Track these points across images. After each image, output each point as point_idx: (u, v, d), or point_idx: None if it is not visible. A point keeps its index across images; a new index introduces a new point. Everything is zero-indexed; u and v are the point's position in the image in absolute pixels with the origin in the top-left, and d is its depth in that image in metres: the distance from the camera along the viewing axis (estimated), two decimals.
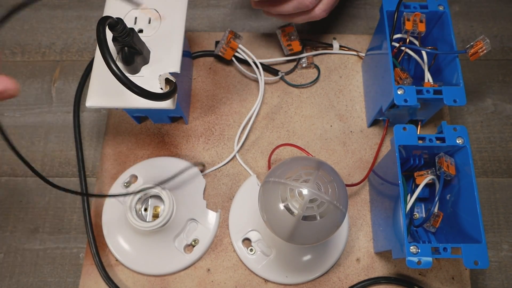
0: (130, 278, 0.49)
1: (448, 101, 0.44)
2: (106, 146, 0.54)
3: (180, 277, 0.49)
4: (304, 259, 0.48)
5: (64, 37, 0.61)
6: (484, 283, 0.50)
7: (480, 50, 0.44)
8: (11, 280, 0.50)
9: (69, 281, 0.49)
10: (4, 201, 0.53)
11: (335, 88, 0.57)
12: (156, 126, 0.55)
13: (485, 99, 0.57)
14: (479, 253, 0.39)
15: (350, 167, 0.53)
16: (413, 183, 0.47)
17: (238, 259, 0.49)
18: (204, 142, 0.54)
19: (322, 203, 0.36)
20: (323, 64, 0.58)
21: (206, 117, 0.56)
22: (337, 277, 0.49)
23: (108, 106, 0.44)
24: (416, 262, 0.38)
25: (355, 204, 0.52)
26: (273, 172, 0.39)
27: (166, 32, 0.46)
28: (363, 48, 0.59)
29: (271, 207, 0.38)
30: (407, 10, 0.48)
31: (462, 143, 0.42)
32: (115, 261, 0.49)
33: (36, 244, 0.51)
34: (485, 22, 0.62)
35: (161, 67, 0.44)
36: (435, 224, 0.45)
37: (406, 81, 0.47)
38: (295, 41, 0.55)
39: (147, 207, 0.50)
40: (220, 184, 0.53)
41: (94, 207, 0.51)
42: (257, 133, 0.55)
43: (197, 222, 0.50)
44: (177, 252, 0.48)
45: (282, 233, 0.38)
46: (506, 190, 0.53)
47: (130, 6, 0.47)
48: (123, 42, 0.41)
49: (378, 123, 0.55)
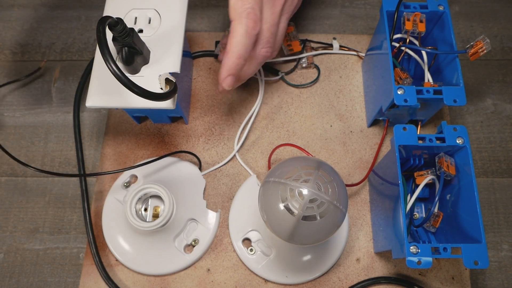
0: (130, 278, 0.49)
1: (448, 101, 0.44)
2: (106, 146, 0.54)
3: (180, 277, 0.49)
4: (304, 259, 0.48)
5: (64, 37, 0.61)
6: (484, 283, 0.50)
7: (480, 50, 0.44)
8: (11, 280, 0.50)
9: (69, 281, 0.49)
10: (4, 201, 0.53)
11: (335, 88, 0.57)
12: (156, 126, 0.55)
13: (485, 99, 0.57)
14: (479, 253, 0.39)
15: (350, 167, 0.53)
16: (413, 183, 0.47)
17: (238, 259, 0.49)
18: (204, 142, 0.54)
19: (322, 203, 0.36)
20: (323, 64, 0.58)
21: (206, 117, 0.56)
22: (337, 277, 0.49)
23: (108, 106, 0.44)
24: (416, 262, 0.38)
25: (355, 204, 0.52)
26: (273, 172, 0.39)
27: (166, 32, 0.46)
28: (363, 48, 0.59)
29: (271, 207, 0.38)
30: (407, 10, 0.48)
31: (462, 143, 0.42)
32: (115, 261, 0.49)
33: (36, 244, 0.51)
34: (485, 22, 0.62)
35: (161, 67, 0.44)
36: (435, 224, 0.45)
37: (406, 81, 0.47)
38: (295, 41, 0.55)
39: (147, 207, 0.50)
40: (220, 184, 0.53)
41: (94, 207, 0.51)
42: (257, 133, 0.55)
43: (197, 222, 0.50)
44: (177, 252, 0.48)
45: (282, 233, 0.38)
46: (506, 190, 0.53)
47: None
48: (123, 42, 0.41)
49: (378, 123, 0.55)
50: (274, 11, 0.42)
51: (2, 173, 0.54)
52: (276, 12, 0.42)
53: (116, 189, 0.51)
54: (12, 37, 0.61)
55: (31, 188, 0.53)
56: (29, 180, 0.54)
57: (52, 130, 0.56)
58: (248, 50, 0.41)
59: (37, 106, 0.57)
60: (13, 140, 0.56)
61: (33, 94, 0.58)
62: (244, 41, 0.40)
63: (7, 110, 0.57)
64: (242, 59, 0.41)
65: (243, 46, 0.40)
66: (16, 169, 0.54)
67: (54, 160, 0.55)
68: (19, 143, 0.55)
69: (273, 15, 0.42)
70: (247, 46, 0.40)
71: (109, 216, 0.50)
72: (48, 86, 0.58)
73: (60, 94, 0.58)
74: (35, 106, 0.57)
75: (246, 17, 0.39)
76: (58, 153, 0.55)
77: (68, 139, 0.56)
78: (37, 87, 0.58)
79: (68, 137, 0.56)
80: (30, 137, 0.56)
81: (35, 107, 0.57)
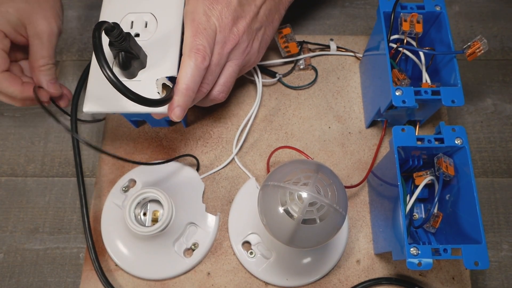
0: (130, 283, 0.48)
1: (446, 101, 0.44)
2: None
3: (180, 281, 0.48)
4: (304, 261, 0.48)
5: (64, 37, 0.61)
6: (484, 283, 0.50)
7: (478, 50, 0.44)
8: (11, 280, 0.50)
9: (69, 281, 0.49)
10: (4, 201, 0.53)
11: (333, 90, 0.57)
12: (154, 130, 0.55)
13: (485, 99, 0.57)
14: (479, 253, 0.39)
15: (349, 169, 0.53)
16: (412, 183, 0.47)
17: (238, 262, 0.49)
18: (202, 145, 0.54)
19: (322, 206, 0.36)
20: (321, 65, 0.58)
21: (204, 120, 0.55)
22: (338, 279, 0.49)
23: (105, 111, 0.44)
24: (417, 264, 0.38)
25: (355, 206, 0.52)
26: (272, 176, 0.39)
27: (163, 36, 0.46)
28: (361, 49, 0.59)
29: (271, 211, 0.37)
30: (404, 11, 0.48)
31: (461, 144, 0.42)
32: (114, 266, 0.49)
33: (36, 244, 0.51)
34: (485, 22, 0.62)
35: (158, 71, 0.44)
36: (435, 224, 0.45)
37: (404, 82, 0.46)
38: (292, 42, 0.55)
39: (146, 212, 0.49)
40: (219, 187, 0.52)
41: (93, 212, 0.51)
42: (255, 135, 0.55)
43: (196, 226, 0.49)
44: (176, 256, 0.48)
45: (282, 237, 0.38)
46: (506, 190, 0.53)
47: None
48: (119, 47, 0.41)
49: (377, 124, 0.55)
50: (222, 52, 0.44)
51: (2, 173, 0.54)
52: (223, 54, 0.44)
53: (115, 194, 0.51)
54: None
55: (31, 188, 0.53)
56: (29, 180, 0.54)
57: (52, 130, 0.56)
58: (196, 82, 0.42)
59: (37, 106, 0.57)
60: (13, 140, 0.56)
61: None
62: (192, 73, 0.41)
63: (7, 110, 0.57)
64: (191, 91, 0.42)
65: (191, 78, 0.41)
66: (16, 169, 0.54)
67: (54, 160, 0.55)
68: (19, 143, 0.55)
69: (219, 55, 0.44)
70: (195, 78, 0.42)
71: (108, 221, 0.50)
72: None
73: None
74: (35, 106, 0.57)
75: (196, 52, 0.41)
76: (58, 153, 0.55)
77: (68, 139, 0.56)
78: None
79: (68, 137, 0.56)
80: (30, 137, 0.56)
81: (35, 107, 0.57)
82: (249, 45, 0.47)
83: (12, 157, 0.55)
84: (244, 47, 0.46)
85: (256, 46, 0.48)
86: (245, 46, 0.46)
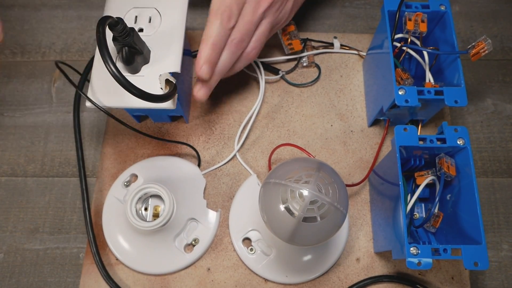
0: (130, 277, 0.49)
1: (449, 101, 0.44)
2: (106, 145, 0.54)
3: (180, 276, 0.49)
4: (304, 259, 0.48)
5: (64, 37, 0.61)
6: (484, 283, 0.50)
7: (482, 51, 0.44)
8: (11, 280, 0.50)
9: (69, 281, 0.49)
10: (4, 201, 0.53)
11: (335, 87, 0.57)
12: (156, 125, 0.55)
13: (485, 99, 0.57)
14: (479, 254, 0.39)
15: (351, 167, 0.53)
16: (413, 183, 0.47)
17: (238, 259, 0.49)
18: (205, 141, 0.54)
19: (323, 204, 0.36)
20: (324, 63, 0.58)
21: (206, 116, 0.55)
22: (337, 276, 0.49)
23: (108, 106, 0.44)
24: (416, 263, 0.38)
25: (355, 204, 0.52)
26: (273, 173, 0.39)
27: (167, 31, 0.46)
28: (364, 47, 0.59)
29: (272, 208, 0.38)
30: (409, 10, 0.48)
31: (463, 144, 0.42)
32: (115, 260, 0.49)
33: (36, 244, 0.51)
34: (485, 22, 0.62)
35: (161, 66, 0.44)
36: (435, 224, 0.45)
37: (407, 81, 0.46)
38: (296, 40, 0.55)
39: (147, 207, 0.50)
40: (220, 184, 0.53)
41: (94, 206, 0.51)
42: (257, 132, 0.55)
43: (197, 221, 0.50)
44: (177, 251, 0.48)
45: (282, 234, 0.38)
46: (506, 190, 0.53)
47: None
48: (123, 42, 0.41)
49: (379, 123, 0.55)
50: (256, 11, 0.45)
51: (2, 173, 0.54)
52: (257, 12, 0.45)
53: (116, 188, 0.51)
54: (12, 37, 0.61)
55: (31, 188, 0.53)
56: (29, 180, 0.54)
57: (52, 130, 0.56)
58: (222, 39, 0.44)
59: (37, 106, 0.57)
60: (13, 140, 0.56)
61: (33, 94, 0.58)
62: (218, 31, 0.43)
63: (7, 110, 0.57)
64: (217, 48, 0.43)
65: (217, 36, 0.43)
66: (16, 169, 0.54)
67: (54, 160, 0.55)
68: (19, 143, 0.55)
69: (253, 13, 0.45)
70: (221, 36, 0.43)
71: (109, 215, 0.50)
72: (48, 86, 0.58)
73: (60, 94, 0.58)
74: (35, 106, 0.57)
75: (222, 13, 0.43)
76: (58, 153, 0.55)
77: (68, 139, 0.56)
78: (37, 87, 0.58)
79: (68, 137, 0.56)
80: (30, 137, 0.56)
81: (35, 107, 0.57)
82: (283, 4, 0.48)
83: (12, 157, 0.55)
84: (278, 6, 0.47)
85: (289, 5, 0.49)
86: (278, 5, 0.47)
